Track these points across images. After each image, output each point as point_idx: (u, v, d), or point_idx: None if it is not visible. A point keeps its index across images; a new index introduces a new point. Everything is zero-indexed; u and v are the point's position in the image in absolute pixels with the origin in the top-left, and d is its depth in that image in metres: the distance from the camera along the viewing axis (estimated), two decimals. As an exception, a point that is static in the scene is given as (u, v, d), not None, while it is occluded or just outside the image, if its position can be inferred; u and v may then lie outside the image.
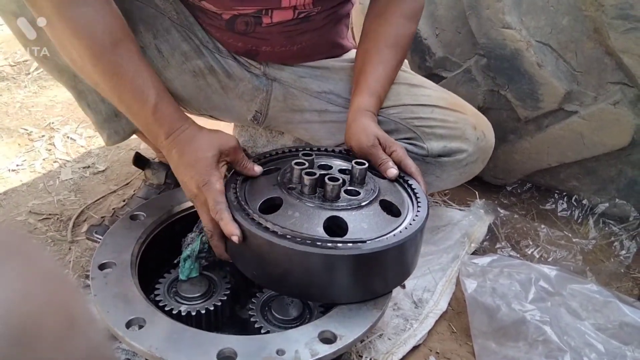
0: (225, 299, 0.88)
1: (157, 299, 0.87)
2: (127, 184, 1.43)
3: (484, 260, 1.09)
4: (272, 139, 1.41)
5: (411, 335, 0.98)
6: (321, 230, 0.78)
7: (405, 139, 1.09)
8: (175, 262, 0.92)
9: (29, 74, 2.08)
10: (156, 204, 1.02)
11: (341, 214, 0.80)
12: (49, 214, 1.30)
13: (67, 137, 1.66)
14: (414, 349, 0.97)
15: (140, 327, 0.74)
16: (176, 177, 0.89)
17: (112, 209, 1.27)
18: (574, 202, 1.38)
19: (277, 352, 0.71)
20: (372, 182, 0.88)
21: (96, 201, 1.35)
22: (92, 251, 1.14)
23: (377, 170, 0.93)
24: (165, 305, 0.85)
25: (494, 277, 1.03)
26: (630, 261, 1.25)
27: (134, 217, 0.97)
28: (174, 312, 0.84)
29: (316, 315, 0.86)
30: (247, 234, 0.79)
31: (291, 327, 0.81)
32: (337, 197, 0.82)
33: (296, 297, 0.86)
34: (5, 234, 0.32)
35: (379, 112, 1.06)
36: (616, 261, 1.24)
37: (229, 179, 0.89)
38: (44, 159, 1.54)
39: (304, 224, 0.78)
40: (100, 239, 0.97)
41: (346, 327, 0.77)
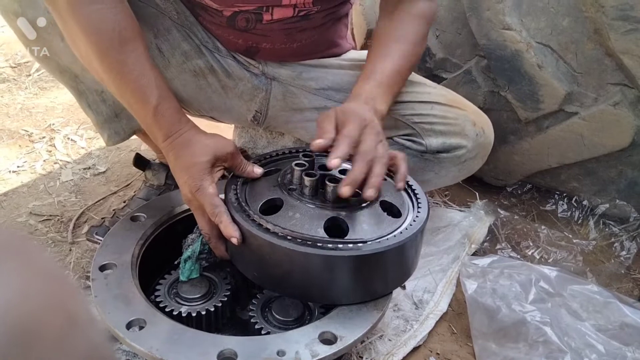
0: (225, 300, 0.88)
1: (158, 300, 0.87)
2: (128, 185, 1.43)
3: (484, 261, 1.09)
4: (272, 140, 1.41)
5: (411, 336, 0.98)
6: (322, 231, 0.78)
7: (404, 136, 1.10)
8: (175, 263, 0.92)
9: (30, 75, 2.08)
10: (157, 205, 1.02)
11: (341, 215, 0.81)
12: (50, 215, 1.30)
13: (68, 139, 1.66)
14: (415, 350, 0.97)
15: (140, 328, 0.75)
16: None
17: (113, 210, 1.27)
18: (574, 203, 1.38)
19: (278, 353, 0.71)
20: None
21: (97, 202, 1.35)
22: (93, 252, 1.14)
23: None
24: (165, 306, 0.85)
25: (494, 278, 1.03)
26: (630, 262, 1.24)
27: (134, 218, 0.97)
28: (175, 313, 0.84)
29: (316, 316, 0.86)
30: (247, 235, 0.79)
31: (291, 328, 0.81)
32: (338, 198, 0.83)
33: (297, 298, 0.86)
34: (5, 234, 0.32)
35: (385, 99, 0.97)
36: (616, 262, 1.24)
37: (229, 180, 0.89)
38: (44, 160, 1.54)
39: (304, 225, 0.78)
40: (100, 240, 0.97)
41: (347, 328, 0.77)
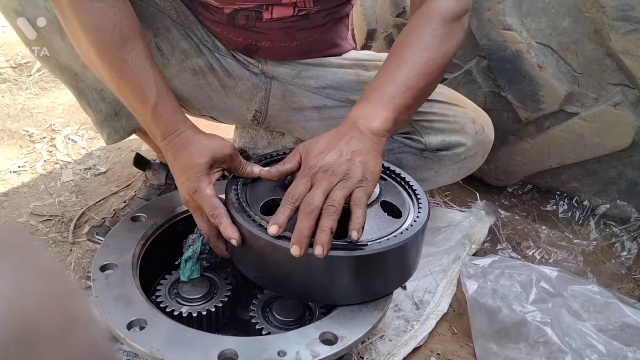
0: (226, 300, 0.88)
1: (159, 300, 0.87)
2: (128, 185, 1.43)
3: (484, 261, 1.09)
4: (273, 140, 1.41)
5: (412, 336, 0.98)
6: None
7: (403, 134, 1.10)
8: (176, 263, 0.92)
9: (31, 75, 2.08)
10: (157, 205, 1.02)
11: (342, 216, 0.80)
12: (50, 216, 1.30)
13: (68, 139, 1.66)
14: (415, 350, 0.97)
15: (141, 328, 0.74)
16: None
17: (113, 210, 1.27)
18: (575, 204, 1.38)
19: (278, 353, 0.71)
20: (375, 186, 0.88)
21: (97, 202, 1.35)
22: (94, 252, 1.14)
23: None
24: (166, 306, 0.85)
25: (494, 278, 1.03)
26: (631, 262, 1.24)
27: (135, 219, 0.97)
28: (175, 313, 0.84)
29: (317, 316, 0.86)
30: (248, 236, 0.79)
31: (292, 329, 0.81)
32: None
33: (297, 298, 0.86)
34: (6, 233, 0.32)
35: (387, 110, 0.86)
36: (617, 262, 1.24)
37: (229, 181, 0.89)
38: (45, 161, 1.54)
39: (305, 225, 0.78)
40: (101, 240, 0.97)
41: (347, 328, 0.77)
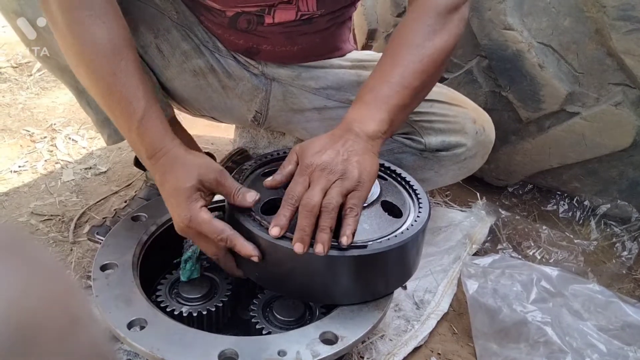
0: (226, 300, 0.88)
1: (159, 300, 0.87)
2: (129, 185, 1.43)
3: (485, 260, 1.09)
4: (273, 140, 1.41)
5: (412, 336, 0.98)
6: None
7: (402, 134, 1.09)
8: (175, 262, 0.92)
9: (31, 75, 2.08)
10: (158, 204, 1.01)
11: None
12: (51, 215, 1.30)
13: (69, 139, 1.66)
14: (416, 350, 0.97)
15: (141, 328, 0.75)
16: None
17: (114, 210, 1.27)
18: (576, 203, 1.38)
19: (279, 353, 0.71)
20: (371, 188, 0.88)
21: (98, 202, 1.35)
22: (94, 252, 1.14)
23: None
24: (166, 306, 0.85)
25: (495, 277, 1.03)
26: (632, 262, 1.24)
27: (135, 218, 0.97)
28: (176, 313, 0.84)
29: (317, 316, 0.86)
30: (249, 236, 0.79)
31: (292, 328, 0.81)
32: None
33: (298, 298, 0.86)
34: (6, 233, 0.32)
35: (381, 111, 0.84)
36: (618, 262, 1.24)
37: None
38: (45, 160, 1.54)
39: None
40: (101, 240, 0.97)
41: (347, 328, 0.77)
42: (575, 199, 1.38)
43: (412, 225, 0.83)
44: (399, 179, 0.95)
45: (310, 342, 0.73)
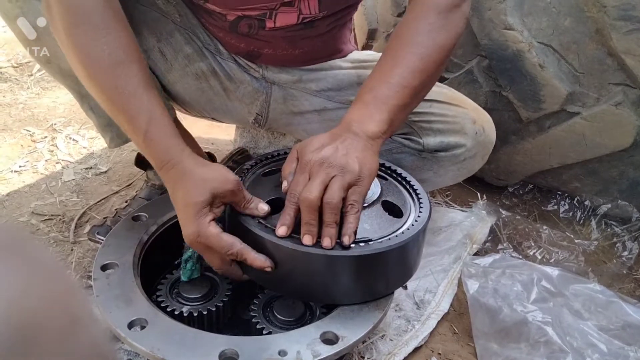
0: (227, 299, 0.88)
1: (159, 299, 0.87)
2: (130, 185, 1.43)
3: (485, 260, 1.09)
4: (274, 140, 1.41)
5: (413, 336, 0.98)
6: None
7: (401, 134, 1.09)
8: (176, 263, 0.92)
9: (32, 75, 2.08)
10: (158, 204, 1.02)
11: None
12: (52, 215, 1.30)
13: (70, 139, 1.66)
14: (416, 350, 0.97)
15: (142, 327, 0.75)
16: None
17: (115, 210, 1.27)
18: (576, 203, 1.38)
19: (279, 353, 0.71)
20: (374, 182, 0.88)
21: (98, 202, 1.35)
22: (95, 252, 1.14)
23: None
24: (167, 306, 0.85)
25: (495, 277, 1.03)
26: (632, 262, 1.24)
27: (136, 218, 0.97)
28: (176, 312, 0.84)
29: (318, 316, 0.86)
30: (250, 236, 0.79)
31: (293, 328, 0.81)
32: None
33: (298, 297, 0.86)
34: (7, 233, 0.32)
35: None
36: (618, 262, 1.24)
37: None
38: (46, 160, 1.54)
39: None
40: (102, 240, 0.97)
41: (348, 328, 0.77)
42: (575, 199, 1.38)
43: (412, 225, 0.83)
44: (400, 179, 0.95)
45: (310, 342, 0.73)
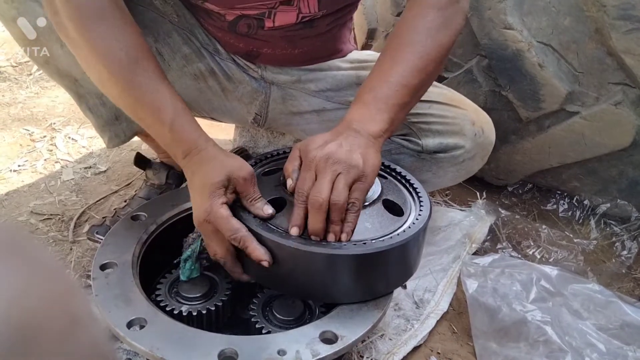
0: (226, 299, 0.88)
1: (158, 299, 0.87)
2: (129, 185, 1.43)
3: (485, 260, 1.09)
4: (273, 139, 1.41)
5: (412, 335, 0.98)
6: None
7: (400, 135, 1.09)
8: (175, 262, 0.92)
9: (31, 74, 2.08)
10: (157, 204, 1.02)
11: None
12: (51, 214, 1.30)
13: (69, 138, 1.66)
14: (415, 349, 0.97)
15: (141, 327, 0.75)
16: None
17: (114, 209, 1.27)
18: (575, 203, 1.38)
19: (278, 352, 0.71)
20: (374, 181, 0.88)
21: (97, 201, 1.35)
22: (94, 251, 1.14)
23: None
24: (166, 305, 0.85)
25: (495, 277, 1.03)
26: (631, 262, 1.24)
27: (135, 218, 0.97)
28: (175, 312, 0.84)
29: (317, 315, 0.86)
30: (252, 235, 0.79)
31: (292, 328, 0.81)
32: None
33: (298, 296, 0.86)
34: (6, 232, 0.32)
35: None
36: (617, 262, 1.24)
37: None
38: (45, 160, 1.54)
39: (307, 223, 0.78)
40: (101, 239, 0.97)
41: (347, 327, 0.77)
42: (575, 199, 1.38)
43: (413, 224, 0.83)
44: (400, 178, 0.95)
45: (310, 341, 0.73)
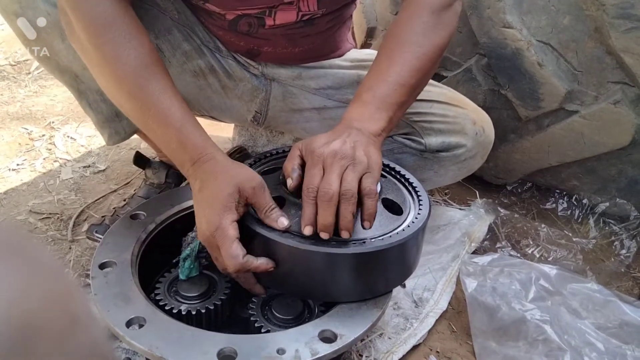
0: (225, 298, 0.88)
1: (158, 298, 0.87)
2: (128, 184, 1.43)
3: (484, 259, 1.09)
4: (272, 138, 1.41)
5: (411, 334, 0.98)
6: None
7: (402, 134, 1.09)
8: (174, 261, 0.92)
9: (30, 73, 2.08)
10: (157, 203, 1.02)
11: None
12: (50, 213, 1.30)
13: (68, 137, 1.66)
14: (414, 348, 0.97)
15: (140, 326, 0.75)
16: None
17: (113, 208, 1.27)
18: (575, 202, 1.38)
19: (278, 351, 0.71)
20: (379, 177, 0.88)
21: (96, 200, 1.35)
22: (93, 250, 1.14)
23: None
24: (165, 304, 0.85)
25: (494, 276, 1.03)
26: (630, 260, 1.24)
27: (134, 217, 0.97)
28: (174, 311, 0.84)
29: (316, 314, 0.86)
30: (250, 234, 0.79)
31: (291, 326, 0.81)
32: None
33: (297, 295, 0.86)
34: (5, 232, 0.32)
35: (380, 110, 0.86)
36: (616, 260, 1.24)
37: None
38: (44, 158, 1.54)
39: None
40: (100, 238, 0.97)
41: (346, 326, 0.77)
42: (574, 197, 1.38)
43: (412, 222, 0.83)
44: (399, 177, 0.95)
45: (309, 340, 0.74)
